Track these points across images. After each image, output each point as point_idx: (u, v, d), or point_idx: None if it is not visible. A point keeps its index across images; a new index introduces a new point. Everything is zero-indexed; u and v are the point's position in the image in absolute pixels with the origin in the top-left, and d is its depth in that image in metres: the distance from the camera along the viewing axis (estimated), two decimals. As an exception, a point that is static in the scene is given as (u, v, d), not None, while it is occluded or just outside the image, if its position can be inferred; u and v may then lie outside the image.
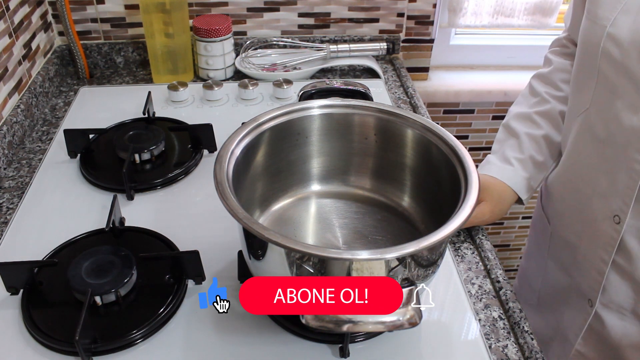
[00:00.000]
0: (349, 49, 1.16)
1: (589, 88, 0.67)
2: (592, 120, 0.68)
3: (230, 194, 0.53)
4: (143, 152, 0.84)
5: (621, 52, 0.61)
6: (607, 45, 0.62)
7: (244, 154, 0.61)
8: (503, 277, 0.69)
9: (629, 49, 0.60)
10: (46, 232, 0.74)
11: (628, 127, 0.62)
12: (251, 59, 1.16)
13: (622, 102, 0.62)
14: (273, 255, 0.54)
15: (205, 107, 1.03)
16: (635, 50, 0.59)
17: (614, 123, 0.64)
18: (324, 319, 0.48)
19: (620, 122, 0.62)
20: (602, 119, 0.66)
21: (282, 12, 1.18)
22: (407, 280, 0.53)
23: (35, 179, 0.84)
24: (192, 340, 0.60)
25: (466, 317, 0.64)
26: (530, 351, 0.60)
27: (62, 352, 0.58)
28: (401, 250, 0.48)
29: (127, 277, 0.62)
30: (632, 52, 0.60)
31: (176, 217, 0.77)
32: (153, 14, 1.04)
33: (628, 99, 0.61)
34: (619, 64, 0.62)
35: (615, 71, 0.62)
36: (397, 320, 0.48)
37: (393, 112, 0.66)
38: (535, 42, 1.38)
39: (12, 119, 0.91)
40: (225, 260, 0.69)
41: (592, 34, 0.65)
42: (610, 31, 0.62)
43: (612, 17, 0.62)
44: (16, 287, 0.64)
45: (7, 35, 0.93)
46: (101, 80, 1.15)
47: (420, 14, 1.24)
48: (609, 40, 0.62)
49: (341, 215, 0.70)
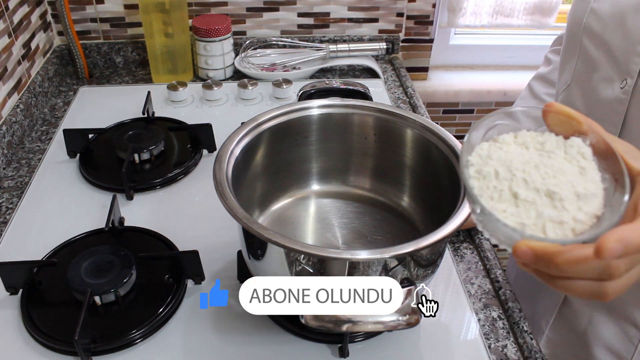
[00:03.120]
0: (348, 48, 1.16)
1: (571, 65, 0.69)
2: (572, 96, 0.69)
3: (229, 194, 0.53)
4: (142, 152, 0.84)
5: (601, 25, 0.62)
6: (590, 19, 0.63)
7: (244, 153, 0.61)
8: (502, 277, 0.69)
9: (608, 22, 0.61)
10: (45, 232, 0.74)
11: (604, 100, 0.62)
12: (250, 58, 1.16)
13: (599, 75, 0.63)
14: (272, 255, 0.54)
15: (205, 107, 1.03)
16: (614, 23, 0.60)
17: (592, 96, 0.64)
18: (324, 319, 0.48)
19: (597, 94, 0.63)
20: (581, 93, 0.67)
21: (282, 12, 1.18)
22: (407, 280, 0.53)
23: (34, 178, 0.84)
24: (191, 340, 0.60)
25: (465, 317, 0.64)
26: (530, 351, 0.60)
27: (62, 352, 0.58)
28: (400, 250, 0.48)
29: (127, 277, 0.62)
30: (610, 25, 0.60)
31: (176, 217, 0.77)
32: (152, 14, 1.04)
33: (605, 72, 0.62)
34: (598, 38, 0.62)
35: (595, 45, 0.63)
36: (397, 320, 0.48)
37: (392, 112, 0.66)
38: (534, 42, 1.38)
39: (12, 119, 0.91)
40: (224, 260, 0.69)
41: (577, 11, 0.66)
42: (594, 6, 0.63)
43: None
44: (15, 287, 0.64)
45: (6, 35, 0.93)
46: (100, 80, 1.15)
47: (419, 14, 1.24)
48: (591, 15, 0.63)
49: (341, 215, 0.70)
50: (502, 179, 0.37)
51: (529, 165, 0.37)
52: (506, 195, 0.37)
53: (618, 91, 0.60)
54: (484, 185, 0.38)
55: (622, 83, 0.59)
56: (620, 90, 0.60)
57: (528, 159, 0.38)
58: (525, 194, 0.36)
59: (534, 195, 0.36)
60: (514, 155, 0.38)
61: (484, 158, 0.39)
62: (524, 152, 0.39)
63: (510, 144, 0.40)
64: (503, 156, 0.38)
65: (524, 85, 0.88)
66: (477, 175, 0.38)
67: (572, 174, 0.36)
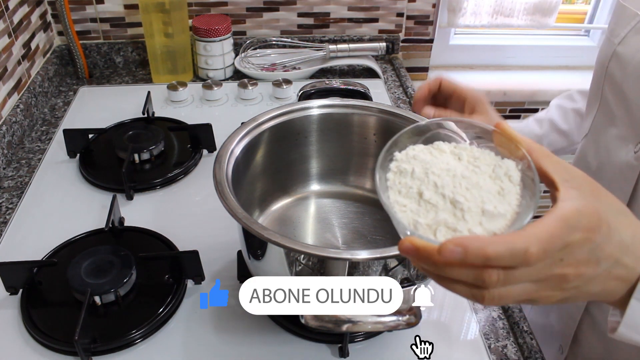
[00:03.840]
0: (348, 48, 1.16)
1: (592, 114, 0.64)
2: (587, 149, 0.64)
3: (229, 194, 0.53)
4: (142, 152, 0.84)
5: (622, 74, 0.56)
6: (612, 65, 0.58)
7: (244, 153, 0.61)
8: (502, 277, 0.69)
9: (630, 71, 0.55)
10: (45, 232, 0.74)
11: (616, 162, 0.57)
12: (250, 58, 1.16)
13: (616, 132, 0.58)
14: (272, 255, 0.54)
15: (205, 107, 1.03)
16: (635, 73, 0.55)
17: (604, 154, 0.60)
18: (324, 319, 0.48)
19: (610, 154, 0.58)
20: (595, 149, 0.62)
21: (282, 12, 1.18)
22: (407, 280, 0.53)
23: (34, 178, 0.84)
24: (191, 340, 0.60)
25: (465, 317, 0.64)
26: (530, 351, 0.60)
27: (62, 352, 0.58)
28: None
29: (127, 277, 0.62)
30: (632, 74, 0.55)
31: (175, 217, 0.77)
32: (152, 14, 1.04)
33: (621, 128, 0.57)
34: (618, 87, 0.57)
35: (614, 95, 0.58)
36: (397, 320, 0.48)
37: (392, 112, 0.66)
38: (534, 42, 1.38)
39: (12, 119, 0.91)
40: (224, 260, 0.69)
41: (603, 52, 0.61)
42: (618, 50, 0.57)
43: (623, 34, 0.57)
44: (15, 287, 0.64)
45: (6, 35, 0.93)
46: (100, 80, 1.15)
47: (419, 14, 1.24)
48: (615, 60, 0.58)
49: (341, 215, 0.70)
50: (416, 179, 0.39)
51: (447, 173, 0.38)
52: (413, 193, 0.38)
53: (631, 155, 0.54)
54: (398, 180, 0.39)
55: (637, 147, 0.54)
56: (633, 155, 0.54)
57: (450, 168, 0.39)
58: (430, 195, 0.37)
59: (439, 199, 0.37)
60: (438, 161, 0.39)
61: (410, 157, 0.40)
62: (451, 161, 0.39)
63: (445, 152, 0.40)
64: (427, 159, 0.40)
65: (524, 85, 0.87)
66: (395, 170, 0.40)
67: (488, 191, 0.37)
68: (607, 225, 0.36)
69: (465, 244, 0.32)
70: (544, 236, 0.33)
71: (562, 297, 0.37)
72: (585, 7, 1.41)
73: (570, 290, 0.37)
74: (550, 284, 0.36)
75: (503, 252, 0.32)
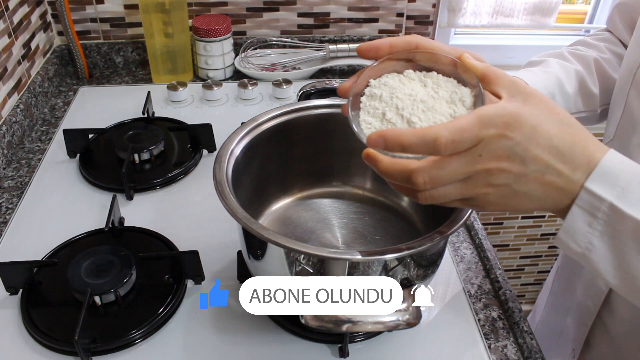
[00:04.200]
0: (348, 48, 1.16)
1: (615, 118, 0.62)
2: None
3: (229, 194, 0.53)
4: (142, 152, 0.84)
5: None
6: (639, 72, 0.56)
7: (244, 153, 0.61)
8: (502, 277, 0.69)
9: None
10: (45, 232, 0.74)
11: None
12: (250, 58, 1.16)
13: (636, 139, 0.57)
14: (272, 255, 0.54)
15: (205, 107, 1.03)
16: None
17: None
18: (324, 319, 0.48)
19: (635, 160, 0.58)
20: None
21: (282, 12, 1.18)
22: (407, 280, 0.53)
23: (34, 178, 0.84)
24: (191, 340, 0.60)
25: (465, 317, 0.64)
26: (530, 351, 0.60)
27: (62, 352, 0.58)
28: (400, 250, 0.48)
29: (127, 277, 0.62)
30: None
31: (175, 217, 0.77)
32: (152, 14, 1.04)
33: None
34: None
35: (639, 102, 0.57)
36: (397, 320, 0.48)
37: (392, 112, 0.66)
38: (534, 42, 1.38)
39: (12, 119, 0.91)
40: (224, 260, 0.69)
41: (630, 56, 0.59)
42: None
43: None
44: (15, 287, 0.64)
45: (6, 35, 0.93)
46: (100, 80, 1.15)
47: (419, 14, 1.24)
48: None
49: (341, 215, 0.70)
50: (382, 102, 0.45)
51: (409, 97, 0.44)
52: (378, 114, 0.45)
53: None
54: (368, 102, 0.46)
55: None
56: None
57: (412, 93, 0.45)
58: (391, 115, 0.44)
59: (397, 119, 0.44)
60: (405, 87, 0.46)
61: (381, 83, 0.47)
62: (416, 87, 0.46)
63: (413, 80, 0.46)
64: (395, 85, 0.46)
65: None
66: (368, 94, 0.47)
67: (442, 114, 0.43)
68: (531, 127, 0.38)
69: (385, 134, 0.39)
70: (453, 127, 0.37)
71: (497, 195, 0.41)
72: (585, 7, 1.41)
73: (502, 188, 0.40)
74: (478, 181, 0.40)
75: (415, 140, 0.38)
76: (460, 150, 0.38)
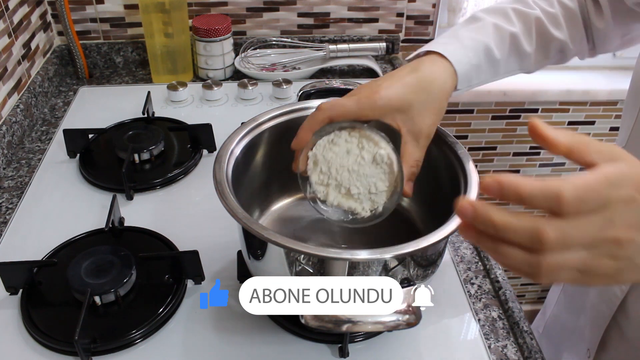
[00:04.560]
0: (348, 48, 1.16)
1: (628, 125, 0.61)
2: None
3: (229, 194, 0.53)
4: (142, 152, 0.84)
5: None
6: None
7: (244, 153, 0.61)
8: (502, 277, 0.69)
9: None
10: (45, 232, 0.74)
11: None
12: (250, 58, 1.16)
13: None
14: (272, 255, 0.54)
15: (205, 107, 1.03)
16: None
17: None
18: (324, 319, 0.48)
19: None
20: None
21: (282, 12, 1.18)
22: (407, 280, 0.53)
23: (34, 178, 0.84)
24: (191, 340, 0.60)
25: (465, 317, 0.64)
26: (530, 351, 0.60)
27: (62, 352, 0.58)
28: (400, 250, 0.48)
29: (127, 277, 0.62)
30: None
31: (175, 217, 0.77)
32: (152, 14, 1.04)
33: None
34: None
35: None
36: (397, 320, 0.48)
37: (392, 112, 0.66)
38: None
39: (12, 119, 0.91)
40: (224, 260, 0.69)
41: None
42: None
43: None
44: (15, 287, 0.64)
45: (6, 35, 0.93)
46: (100, 80, 1.15)
47: (419, 14, 1.24)
48: None
49: (341, 215, 0.70)
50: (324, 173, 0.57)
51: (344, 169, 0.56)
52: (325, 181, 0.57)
53: None
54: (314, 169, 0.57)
55: None
56: None
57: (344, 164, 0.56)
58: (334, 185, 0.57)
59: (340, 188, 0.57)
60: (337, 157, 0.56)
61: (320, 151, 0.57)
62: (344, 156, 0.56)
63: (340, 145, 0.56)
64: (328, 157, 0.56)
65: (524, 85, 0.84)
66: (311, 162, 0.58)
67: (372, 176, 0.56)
68: None
69: (500, 179, 0.33)
70: (579, 184, 0.32)
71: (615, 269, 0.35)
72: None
73: (624, 262, 0.35)
74: (603, 250, 0.34)
75: (536, 192, 0.32)
76: (584, 211, 0.33)
